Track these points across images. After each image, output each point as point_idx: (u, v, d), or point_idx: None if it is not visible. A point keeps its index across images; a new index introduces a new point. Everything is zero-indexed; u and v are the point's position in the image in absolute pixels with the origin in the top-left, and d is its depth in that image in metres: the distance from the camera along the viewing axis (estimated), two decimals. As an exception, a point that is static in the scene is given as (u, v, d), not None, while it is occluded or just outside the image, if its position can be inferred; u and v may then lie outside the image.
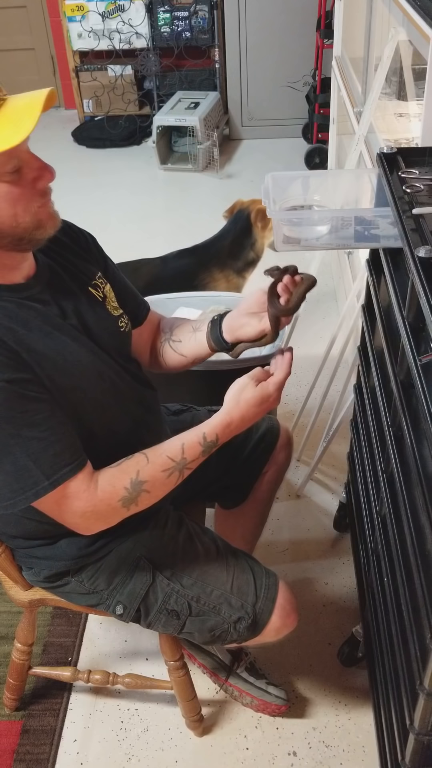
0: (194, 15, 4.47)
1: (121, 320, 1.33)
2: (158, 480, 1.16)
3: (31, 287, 1.17)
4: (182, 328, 1.44)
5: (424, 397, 1.02)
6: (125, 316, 1.35)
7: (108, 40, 4.56)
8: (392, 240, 1.33)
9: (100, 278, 1.31)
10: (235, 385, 1.21)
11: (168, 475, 1.17)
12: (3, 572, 1.42)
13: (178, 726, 1.64)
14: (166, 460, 1.17)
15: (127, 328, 1.35)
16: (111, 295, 1.33)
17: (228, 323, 1.35)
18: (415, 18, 1.59)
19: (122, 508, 1.15)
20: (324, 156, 4.00)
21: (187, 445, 1.18)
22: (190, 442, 1.18)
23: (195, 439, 1.18)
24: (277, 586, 1.33)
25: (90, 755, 1.60)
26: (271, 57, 4.50)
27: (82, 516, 1.14)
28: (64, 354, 1.16)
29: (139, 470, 1.15)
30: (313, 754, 1.58)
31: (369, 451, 1.56)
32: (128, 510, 1.16)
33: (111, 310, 1.31)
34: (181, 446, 1.17)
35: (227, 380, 1.23)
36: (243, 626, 1.30)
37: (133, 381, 1.32)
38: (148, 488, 1.16)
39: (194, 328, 1.42)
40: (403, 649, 1.19)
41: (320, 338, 2.68)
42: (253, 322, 1.31)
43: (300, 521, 2.12)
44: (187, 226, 3.84)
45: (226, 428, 1.19)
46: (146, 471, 1.15)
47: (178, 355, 1.44)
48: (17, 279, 1.16)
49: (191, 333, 1.42)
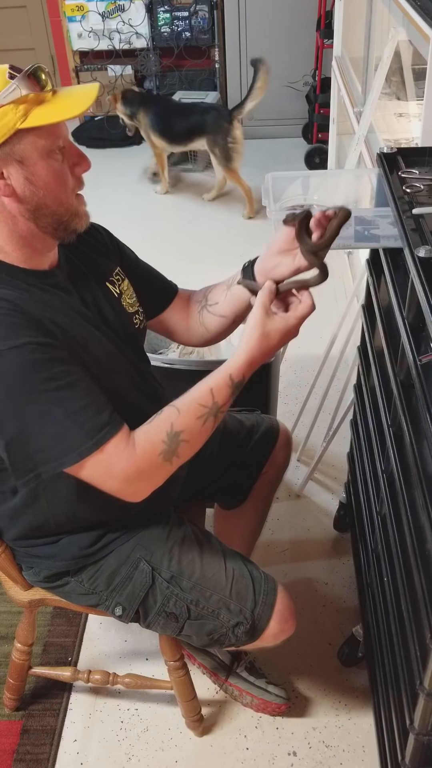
0: (194, 15, 4.48)
1: (135, 317, 1.34)
2: (194, 428, 1.13)
3: (55, 275, 1.19)
4: (216, 290, 1.41)
5: (424, 397, 1.02)
6: (140, 313, 1.36)
7: (108, 40, 4.56)
8: (392, 240, 1.33)
9: (117, 274, 1.33)
10: (251, 320, 1.16)
11: (203, 422, 1.13)
12: (3, 572, 1.42)
13: (178, 726, 1.64)
14: (198, 408, 1.13)
15: (141, 325, 1.36)
16: (128, 291, 1.34)
17: (260, 267, 1.28)
18: (415, 18, 1.59)
19: (164, 462, 1.11)
20: (324, 156, 4.00)
21: (215, 389, 1.14)
22: (218, 386, 1.14)
23: (222, 382, 1.14)
24: (275, 591, 1.33)
25: (90, 755, 1.60)
26: (271, 57, 4.48)
27: (126, 479, 1.10)
28: (91, 341, 1.17)
29: (173, 422, 1.12)
30: (313, 754, 1.58)
31: (369, 451, 1.56)
32: (171, 463, 1.12)
33: (126, 307, 1.32)
34: (210, 391, 1.13)
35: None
36: (241, 631, 1.30)
37: (147, 377, 1.34)
38: (186, 438, 1.12)
39: (228, 285, 1.38)
40: (403, 649, 1.19)
41: (320, 338, 2.68)
42: (286, 260, 1.23)
43: (300, 521, 2.12)
44: (187, 226, 3.84)
45: (250, 366, 1.15)
46: (180, 421, 1.12)
47: (218, 318, 1.39)
48: (43, 266, 1.18)
49: (225, 291, 1.38)
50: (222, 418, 1.16)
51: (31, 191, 1.08)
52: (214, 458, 1.56)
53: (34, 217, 1.11)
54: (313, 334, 2.74)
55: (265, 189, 1.44)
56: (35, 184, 1.08)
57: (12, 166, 1.06)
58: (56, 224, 1.13)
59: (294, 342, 1.22)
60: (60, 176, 1.10)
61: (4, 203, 1.09)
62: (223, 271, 1.44)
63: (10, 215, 1.10)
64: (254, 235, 3.62)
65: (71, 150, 1.12)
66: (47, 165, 1.08)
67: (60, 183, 1.10)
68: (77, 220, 1.15)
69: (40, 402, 1.05)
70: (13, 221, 1.11)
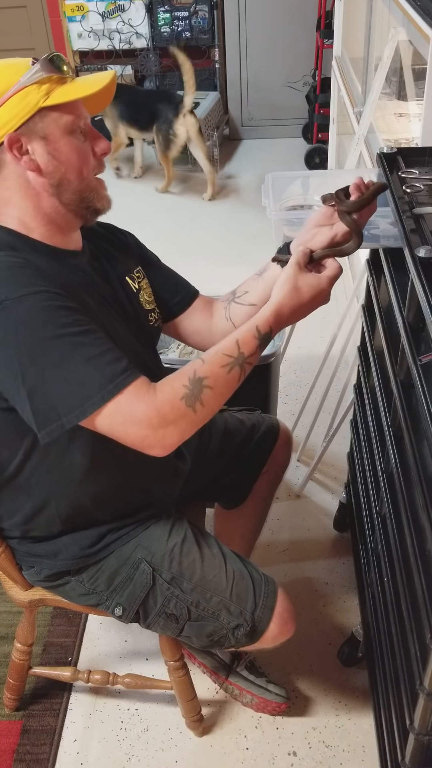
0: (194, 15, 4.48)
1: (151, 315, 1.36)
2: (219, 376, 1.10)
3: (77, 256, 1.23)
4: (246, 282, 1.41)
5: (424, 397, 1.02)
6: (156, 312, 1.38)
7: (108, 40, 4.56)
8: (392, 240, 1.33)
9: (137, 272, 1.35)
10: (283, 275, 1.15)
11: (228, 370, 1.11)
12: (3, 572, 1.41)
13: (178, 726, 1.64)
14: (223, 357, 1.11)
15: (156, 324, 1.37)
16: (147, 290, 1.36)
17: (296, 242, 1.26)
18: (415, 18, 1.59)
19: (187, 408, 1.07)
20: (324, 156, 4.00)
21: (242, 340, 1.12)
22: (245, 337, 1.12)
23: (249, 333, 1.13)
24: (276, 594, 1.33)
25: (90, 755, 1.60)
26: (271, 57, 4.50)
27: (149, 424, 1.06)
28: (113, 323, 1.19)
29: (195, 369, 1.10)
30: (313, 754, 1.58)
31: (369, 451, 1.56)
32: (194, 410, 1.08)
33: (143, 303, 1.34)
34: (236, 342, 1.12)
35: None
36: (241, 633, 1.30)
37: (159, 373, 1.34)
38: (210, 384, 1.09)
39: (260, 272, 1.38)
40: (403, 649, 1.19)
41: (320, 338, 2.68)
42: (323, 230, 1.23)
43: (300, 521, 2.12)
44: (187, 226, 3.84)
45: (277, 318, 1.13)
46: (204, 368, 1.10)
47: (248, 307, 1.38)
48: (66, 246, 1.21)
49: (257, 279, 1.37)
50: (249, 370, 1.14)
51: (54, 166, 1.13)
52: (214, 457, 1.56)
53: (57, 193, 1.15)
54: (313, 334, 2.75)
55: (265, 189, 1.44)
56: (58, 159, 1.13)
57: (36, 142, 1.11)
58: (79, 201, 1.17)
59: (294, 342, 1.22)
60: (82, 153, 1.16)
61: (28, 179, 1.14)
62: (223, 271, 1.45)
63: (35, 191, 1.15)
64: (254, 235, 3.63)
65: (92, 132, 1.19)
66: (69, 142, 1.14)
67: (82, 159, 1.16)
68: (99, 200, 1.20)
69: (59, 347, 1.03)
70: (38, 197, 1.15)
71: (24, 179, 1.13)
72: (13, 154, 1.11)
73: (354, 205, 1.18)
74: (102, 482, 1.26)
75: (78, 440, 1.18)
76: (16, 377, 1.04)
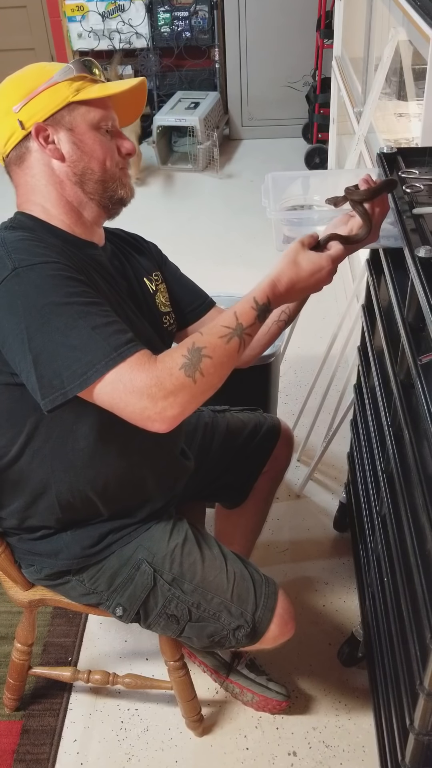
0: (194, 15, 4.47)
1: (166, 317, 1.38)
2: (217, 346, 1.10)
3: (97, 248, 1.26)
4: None
5: (424, 397, 1.02)
6: (171, 315, 1.40)
7: (108, 40, 4.55)
8: (392, 240, 1.33)
9: (156, 276, 1.39)
10: (284, 251, 1.17)
11: (227, 341, 1.10)
12: (3, 572, 1.41)
13: (178, 726, 1.64)
14: (221, 328, 1.11)
15: (170, 327, 1.39)
16: (164, 293, 1.39)
17: None
18: (415, 18, 1.59)
19: (186, 377, 1.06)
20: (324, 156, 4.00)
21: (239, 312, 1.12)
22: (242, 309, 1.13)
23: (246, 305, 1.13)
24: (276, 595, 1.33)
25: (90, 755, 1.60)
26: (271, 57, 4.50)
27: (149, 394, 1.04)
28: (127, 314, 1.21)
29: (194, 341, 1.10)
30: (313, 754, 1.58)
31: (369, 451, 1.56)
32: (194, 381, 1.06)
33: (159, 305, 1.37)
34: (234, 314, 1.12)
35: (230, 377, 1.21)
36: (242, 634, 1.30)
37: None
38: (208, 353, 1.08)
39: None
40: (403, 649, 1.19)
41: (320, 338, 2.68)
42: (339, 226, 1.26)
43: (300, 521, 2.12)
44: (187, 226, 3.84)
45: (273, 289, 1.14)
46: (202, 339, 1.10)
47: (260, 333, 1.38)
48: (88, 238, 1.24)
49: None
50: (249, 342, 1.13)
51: (78, 155, 1.18)
52: (217, 457, 1.56)
53: (80, 182, 1.19)
54: (313, 334, 2.75)
55: (265, 189, 1.44)
56: (82, 149, 1.18)
57: (62, 132, 1.17)
58: (102, 190, 1.21)
59: (294, 342, 1.22)
60: (106, 147, 1.21)
61: (53, 167, 1.18)
62: (223, 271, 1.44)
63: (59, 179, 1.19)
64: (254, 235, 3.62)
65: (119, 133, 1.25)
66: (94, 136, 1.19)
67: (106, 152, 1.21)
68: (123, 190, 1.24)
69: (66, 314, 1.04)
70: (61, 186, 1.19)
71: (49, 167, 1.18)
72: (39, 142, 1.16)
73: (365, 194, 1.23)
74: (104, 470, 1.26)
75: (82, 424, 1.19)
76: (23, 342, 1.05)
